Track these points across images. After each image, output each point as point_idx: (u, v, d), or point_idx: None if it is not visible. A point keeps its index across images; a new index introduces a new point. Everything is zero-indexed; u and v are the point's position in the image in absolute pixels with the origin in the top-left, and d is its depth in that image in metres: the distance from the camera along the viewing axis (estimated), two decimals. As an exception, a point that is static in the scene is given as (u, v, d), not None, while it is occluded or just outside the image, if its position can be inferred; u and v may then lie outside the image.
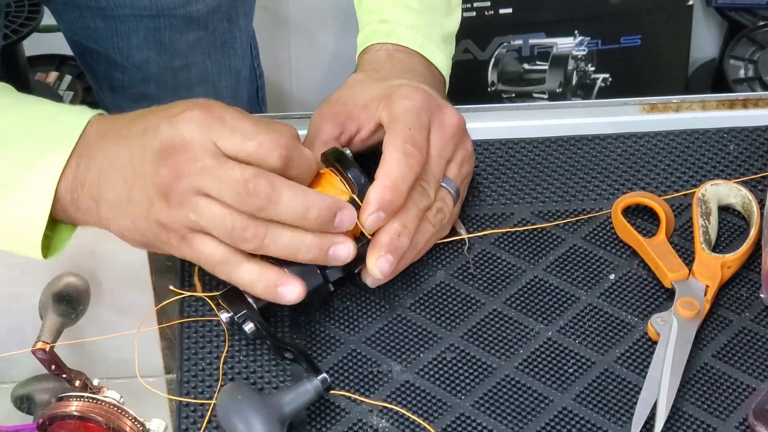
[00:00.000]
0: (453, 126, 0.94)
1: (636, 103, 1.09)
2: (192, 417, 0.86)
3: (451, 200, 0.94)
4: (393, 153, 0.89)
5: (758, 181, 1.02)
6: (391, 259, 0.89)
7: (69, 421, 0.80)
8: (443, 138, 0.93)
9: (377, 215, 0.87)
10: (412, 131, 0.91)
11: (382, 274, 0.89)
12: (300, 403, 0.82)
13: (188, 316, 0.92)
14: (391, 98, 0.94)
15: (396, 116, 0.92)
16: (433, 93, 0.96)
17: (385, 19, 1.04)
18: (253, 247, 0.83)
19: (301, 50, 2.22)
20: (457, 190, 0.94)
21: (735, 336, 0.91)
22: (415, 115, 0.92)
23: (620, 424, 0.85)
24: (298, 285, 0.85)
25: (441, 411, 0.86)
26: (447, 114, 0.95)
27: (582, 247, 0.97)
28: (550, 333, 0.91)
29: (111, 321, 0.95)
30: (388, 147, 0.90)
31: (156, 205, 0.83)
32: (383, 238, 0.89)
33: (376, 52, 1.03)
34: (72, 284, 0.91)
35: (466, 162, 0.96)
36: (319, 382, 0.82)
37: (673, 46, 2.21)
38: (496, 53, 2.15)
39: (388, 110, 0.93)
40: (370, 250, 0.89)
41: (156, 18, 1.25)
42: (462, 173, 0.96)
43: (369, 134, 0.96)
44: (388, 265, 0.89)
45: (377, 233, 0.89)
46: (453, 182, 0.94)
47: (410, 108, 0.92)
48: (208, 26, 1.29)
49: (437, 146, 0.93)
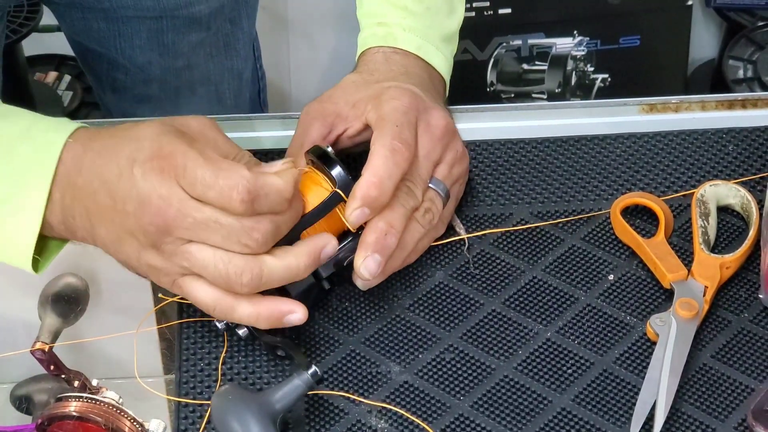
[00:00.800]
0: (440, 127, 0.95)
1: (635, 103, 1.09)
2: (191, 417, 0.86)
3: (440, 201, 0.94)
4: (380, 150, 0.90)
5: (757, 181, 1.02)
6: (378, 259, 0.88)
7: (68, 421, 0.80)
8: (431, 139, 0.94)
9: (362, 211, 0.87)
10: (399, 129, 0.91)
11: (370, 275, 0.89)
12: (291, 399, 0.82)
13: (187, 316, 0.92)
14: (379, 99, 0.94)
15: (384, 115, 0.92)
16: (422, 94, 0.96)
17: (383, 22, 1.04)
18: (248, 289, 0.83)
19: (300, 51, 2.22)
20: (446, 191, 0.94)
21: (734, 336, 0.91)
22: (402, 114, 0.92)
23: (619, 424, 0.85)
24: (299, 308, 0.85)
25: (440, 412, 0.86)
26: (434, 115, 0.95)
27: (581, 247, 0.97)
28: (549, 333, 0.91)
29: (110, 321, 0.95)
30: (376, 144, 0.90)
31: (147, 253, 0.84)
32: (369, 238, 0.89)
33: (373, 55, 1.03)
34: (71, 284, 0.90)
35: (457, 163, 0.96)
36: (309, 375, 0.82)
37: (672, 47, 2.21)
38: (495, 53, 2.15)
39: (377, 110, 0.93)
40: (357, 250, 0.89)
41: (158, 19, 1.25)
42: (453, 174, 0.96)
43: (356, 133, 0.96)
44: (375, 265, 0.88)
45: (363, 233, 0.89)
46: (442, 183, 0.94)
47: (398, 108, 0.93)
48: (210, 27, 1.29)
49: (424, 148, 0.93)
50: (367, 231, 0.89)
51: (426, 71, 1.03)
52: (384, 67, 1.01)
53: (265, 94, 1.48)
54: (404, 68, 1.01)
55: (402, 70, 1.01)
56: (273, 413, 0.81)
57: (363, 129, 0.96)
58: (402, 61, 1.02)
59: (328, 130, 0.96)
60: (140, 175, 0.82)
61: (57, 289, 0.90)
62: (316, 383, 0.82)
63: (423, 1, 1.05)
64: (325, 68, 2.22)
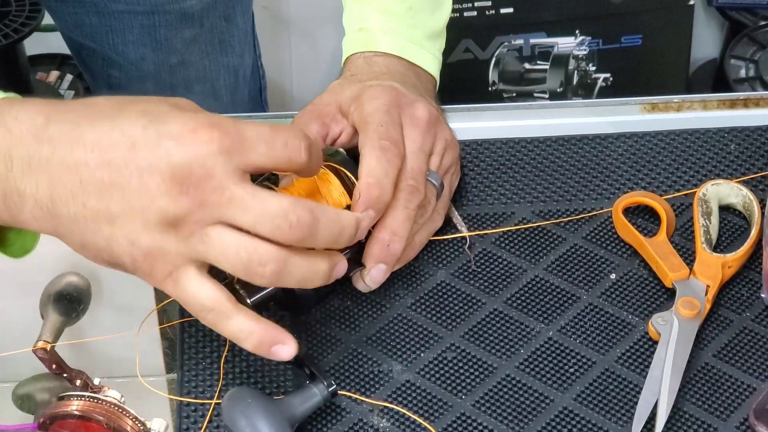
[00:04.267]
0: (424, 119, 0.94)
1: (637, 102, 1.09)
2: (193, 417, 0.86)
3: (434, 192, 0.94)
4: (370, 151, 0.90)
5: (759, 180, 1.02)
6: (383, 268, 0.90)
7: (70, 420, 0.80)
8: (419, 132, 0.94)
9: (367, 214, 0.87)
10: (384, 128, 0.91)
11: (377, 284, 0.90)
12: (308, 407, 0.82)
13: (189, 315, 0.92)
14: (360, 99, 0.94)
15: (366, 117, 0.92)
16: (403, 89, 0.96)
17: (363, 27, 1.04)
18: (267, 281, 0.76)
19: (301, 50, 2.22)
20: (440, 182, 0.95)
21: (736, 336, 0.91)
22: (385, 112, 0.92)
23: (621, 423, 0.85)
24: (292, 344, 0.79)
25: (441, 411, 0.86)
26: (417, 108, 0.95)
27: (583, 246, 0.97)
28: (550, 333, 0.91)
29: (112, 320, 0.95)
30: (365, 146, 0.90)
31: (154, 234, 0.75)
32: (373, 250, 0.89)
33: (355, 60, 1.03)
34: (73, 283, 0.90)
35: (447, 152, 0.96)
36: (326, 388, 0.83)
37: (674, 46, 2.21)
38: (497, 53, 2.15)
39: (359, 112, 0.93)
40: (363, 260, 0.90)
41: (150, 15, 1.25)
42: (444, 164, 0.96)
43: (349, 138, 0.96)
44: (381, 275, 0.90)
45: (368, 244, 0.89)
46: (436, 174, 0.95)
47: (379, 107, 0.93)
48: (203, 23, 1.29)
49: (415, 141, 0.93)
50: (371, 242, 0.89)
51: (410, 69, 1.03)
52: (366, 69, 1.01)
53: (266, 93, 1.48)
54: (386, 68, 1.01)
55: (384, 69, 1.01)
56: (292, 420, 0.81)
57: (354, 132, 0.95)
58: (384, 62, 1.02)
59: (325, 132, 0.96)
60: (175, 145, 0.73)
61: (59, 288, 0.90)
62: (331, 395, 0.83)
63: (405, 1, 1.05)
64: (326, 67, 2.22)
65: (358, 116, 0.93)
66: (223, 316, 0.77)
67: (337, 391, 0.84)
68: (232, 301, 0.77)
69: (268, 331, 0.78)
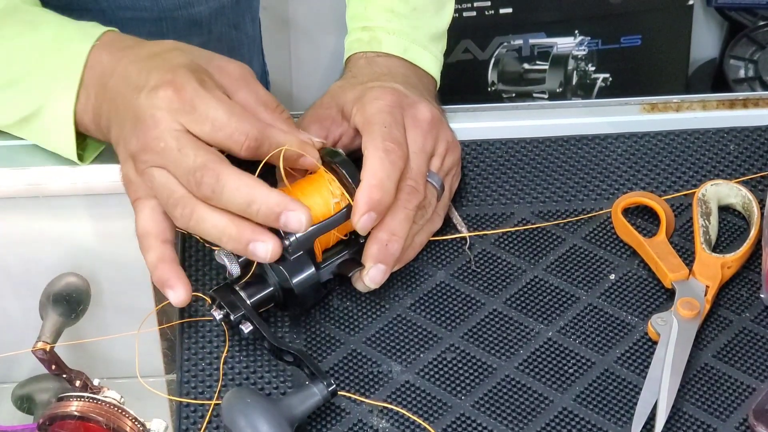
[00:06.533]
0: (426, 120, 0.95)
1: (636, 102, 1.09)
2: (192, 417, 0.86)
3: (434, 193, 0.94)
4: (374, 152, 0.90)
5: (758, 180, 1.02)
6: (382, 268, 0.90)
7: (69, 421, 0.80)
8: (421, 133, 0.94)
9: (369, 216, 0.88)
10: (388, 129, 0.91)
11: (376, 284, 0.90)
12: (308, 407, 0.82)
13: (188, 316, 0.92)
14: (362, 101, 0.94)
15: (369, 118, 0.92)
16: (405, 91, 0.96)
17: (367, 26, 1.04)
18: (180, 223, 0.86)
19: (301, 51, 2.21)
20: (441, 183, 0.95)
21: (735, 336, 0.91)
22: (388, 114, 0.92)
23: (620, 424, 0.85)
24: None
25: (441, 411, 0.86)
26: (419, 109, 0.95)
27: (582, 247, 0.97)
28: (550, 333, 0.91)
29: (111, 321, 0.95)
30: (368, 148, 0.90)
31: (127, 164, 0.89)
32: (372, 250, 0.89)
33: (357, 60, 1.03)
34: (72, 284, 0.91)
35: (448, 154, 0.96)
36: (325, 388, 0.83)
37: (673, 46, 2.21)
38: (496, 53, 2.15)
39: (362, 113, 0.93)
40: (363, 260, 0.90)
41: (158, 22, 1.25)
42: (445, 166, 0.96)
43: (350, 140, 0.96)
44: (380, 275, 0.90)
45: (366, 245, 0.89)
46: (436, 175, 0.95)
47: (382, 108, 0.93)
48: (212, 30, 1.29)
49: (417, 143, 0.93)
50: (369, 242, 0.90)
51: (411, 70, 1.03)
52: (367, 69, 1.02)
53: None
54: (387, 69, 1.01)
55: (385, 70, 1.01)
56: (292, 420, 0.81)
57: (355, 134, 0.96)
58: (385, 63, 1.02)
59: (325, 134, 0.96)
60: (145, 96, 0.86)
61: (58, 288, 0.90)
62: (331, 394, 0.83)
63: (409, 2, 1.05)
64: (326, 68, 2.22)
65: (361, 118, 0.93)
66: (145, 247, 0.88)
67: (336, 391, 0.84)
68: (160, 239, 0.88)
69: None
